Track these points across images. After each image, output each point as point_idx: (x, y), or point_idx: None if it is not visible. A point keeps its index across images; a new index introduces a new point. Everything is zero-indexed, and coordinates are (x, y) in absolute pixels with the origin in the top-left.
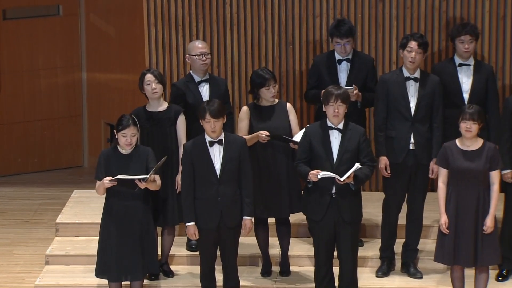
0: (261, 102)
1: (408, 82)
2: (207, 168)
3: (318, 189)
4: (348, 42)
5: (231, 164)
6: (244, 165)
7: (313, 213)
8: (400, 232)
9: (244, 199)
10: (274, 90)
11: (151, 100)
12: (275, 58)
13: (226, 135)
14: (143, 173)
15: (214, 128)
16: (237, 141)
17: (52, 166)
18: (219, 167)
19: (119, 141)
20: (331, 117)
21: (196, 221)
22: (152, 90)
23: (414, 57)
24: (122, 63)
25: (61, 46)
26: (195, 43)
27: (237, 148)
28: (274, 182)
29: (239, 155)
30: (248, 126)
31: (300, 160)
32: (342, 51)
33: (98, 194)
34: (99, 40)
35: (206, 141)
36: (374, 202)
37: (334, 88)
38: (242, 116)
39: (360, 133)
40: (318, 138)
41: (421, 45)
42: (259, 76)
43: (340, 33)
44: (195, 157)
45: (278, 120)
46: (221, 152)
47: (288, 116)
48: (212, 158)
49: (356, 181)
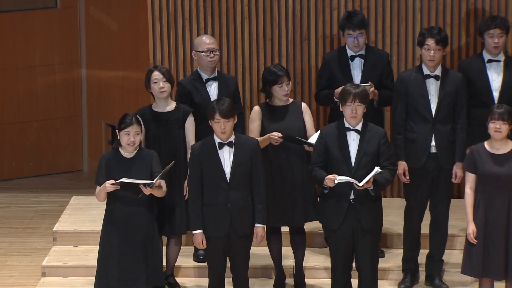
0: (273, 102)
1: (428, 80)
2: (216, 172)
3: (335, 195)
4: (361, 34)
5: (242, 167)
6: (256, 169)
7: (330, 221)
8: (424, 242)
9: (256, 205)
10: (287, 88)
11: (158, 99)
12: (289, 54)
13: (237, 136)
14: (147, 178)
15: (224, 129)
16: (249, 143)
17: (49, 171)
18: (229, 171)
19: (121, 141)
20: (349, 118)
21: (204, 229)
22: (159, 89)
23: (433, 55)
24: (124, 60)
25: (59, 41)
26: (202, 39)
27: (249, 151)
28: (288, 188)
29: (250, 158)
30: (259, 127)
31: (316, 164)
32: (355, 44)
33: (99, 200)
34: (99, 35)
35: (215, 143)
36: (395, 209)
37: (352, 87)
38: (253, 116)
39: (380, 135)
40: (334, 140)
41: (439, 42)
42: (271, 73)
43: (352, 24)
44: (203, 160)
45: (292, 120)
46: (231, 154)
47: (303, 116)
48: (222, 161)
49: (376, 186)
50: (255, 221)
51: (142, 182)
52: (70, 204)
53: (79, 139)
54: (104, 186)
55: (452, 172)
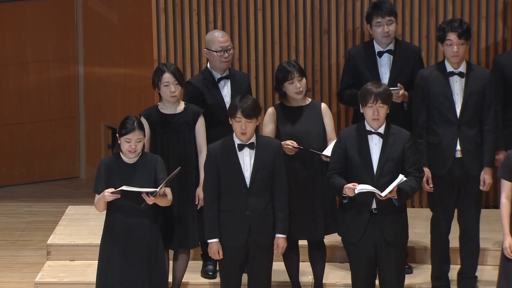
0: (289, 102)
1: (451, 78)
2: (235, 175)
3: (355, 205)
4: (391, 21)
5: (263, 172)
6: (278, 174)
7: (350, 233)
8: (454, 257)
9: (278, 213)
10: (299, 85)
11: (166, 101)
12: (307, 49)
13: (259, 137)
14: (150, 185)
15: (244, 129)
16: (271, 145)
17: (43, 177)
18: (249, 175)
19: (121, 147)
20: (370, 120)
21: (219, 238)
22: (170, 93)
23: (456, 50)
24: (126, 56)
25: (53, 35)
26: (214, 35)
27: (271, 153)
28: (306, 198)
29: (273, 161)
30: (274, 131)
31: (334, 171)
32: (384, 34)
33: (97, 210)
34: (99, 28)
35: (235, 144)
36: (423, 221)
37: (373, 86)
38: (267, 119)
39: (405, 138)
40: (354, 144)
41: (462, 35)
42: (281, 69)
43: (381, 10)
44: (221, 162)
45: (310, 123)
46: (252, 157)
47: (322, 118)
48: (241, 164)
49: (401, 195)
50: (276, 230)
51: (144, 190)
52: (66, 214)
53: (75, 143)
54: (103, 195)
55: (480, 178)
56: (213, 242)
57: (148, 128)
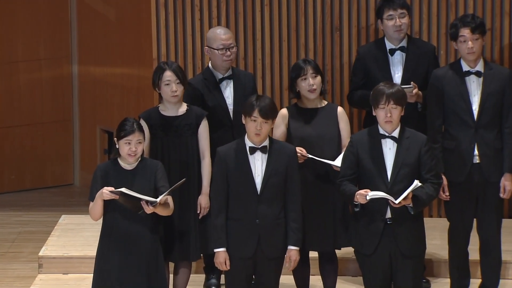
0: (303, 103)
1: (468, 77)
2: (245, 181)
3: (368, 214)
4: (403, 15)
5: (275, 178)
6: (292, 181)
7: (363, 244)
8: (475, 270)
9: (290, 223)
10: (312, 82)
11: (167, 102)
12: (318, 47)
13: (272, 141)
14: (150, 193)
15: (259, 130)
16: (285, 150)
17: (34, 185)
18: (260, 180)
19: (120, 151)
20: (383, 123)
21: (227, 247)
22: (171, 93)
23: (471, 47)
24: (123, 54)
25: (45, 32)
26: (216, 32)
27: (285, 159)
28: (317, 207)
29: (286, 167)
30: (285, 134)
31: (345, 178)
32: (396, 28)
33: (93, 218)
34: (94, 25)
35: (246, 147)
36: (442, 231)
37: (386, 86)
38: (278, 121)
39: (421, 142)
40: (367, 149)
41: (475, 30)
42: (294, 66)
43: (393, 2)
44: (231, 166)
45: (324, 127)
46: (264, 162)
47: (338, 123)
48: (252, 169)
49: (416, 203)
50: (288, 242)
51: (145, 198)
52: (59, 224)
53: (69, 148)
54: (101, 192)
55: (500, 185)
56: (220, 251)
57: (148, 131)
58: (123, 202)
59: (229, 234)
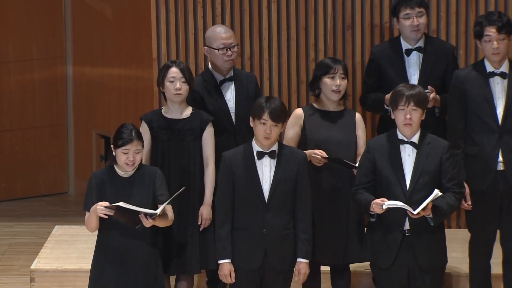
0: (321, 104)
1: (492, 79)
2: (252, 187)
3: (385, 224)
4: (421, 14)
5: (284, 185)
6: (302, 190)
7: (379, 257)
8: (497, 285)
9: (300, 234)
10: (339, 83)
11: (170, 102)
12: (328, 47)
13: (282, 146)
14: (148, 201)
15: (269, 133)
16: (296, 156)
17: (26, 193)
18: (268, 187)
19: (117, 160)
20: (402, 126)
21: (232, 259)
22: (175, 90)
23: (496, 47)
24: (121, 54)
25: (38, 31)
26: (215, 31)
27: (295, 165)
28: (331, 217)
29: (296, 174)
30: (298, 136)
31: (360, 186)
32: (414, 27)
33: (89, 229)
34: (90, 23)
35: (253, 152)
36: (462, 243)
37: (406, 87)
38: (292, 121)
39: (443, 148)
40: (385, 155)
41: (502, 29)
42: (322, 64)
43: (410, 0)
44: (237, 171)
45: (342, 133)
46: (272, 168)
47: (355, 130)
48: (260, 175)
49: (436, 214)
50: (297, 254)
51: (143, 210)
52: (52, 235)
53: (63, 154)
54: (95, 208)
55: None
56: (224, 263)
57: (149, 135)
58: (118, 217)
59: (235, 245)
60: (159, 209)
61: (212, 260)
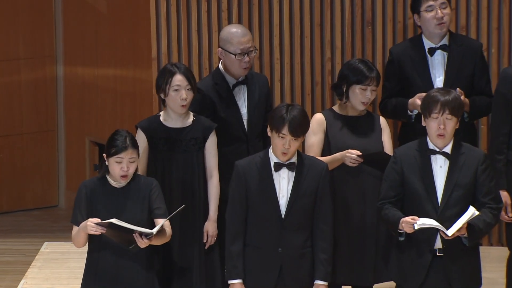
0: (343, 109)
1: None
2: (267, 202)
3: (415, 243)
4: (445, 5)
5: (303, 200)
6: (322, 205)
7: (406, 279)
8: None
9: (319, 254)
10: (370, 96)
11: (173, 111)
12: (346, 45)
13: (301, 156)
14: (144, 216)
15: (287, 149)
16: (316, 167)
17: (12, 207)
18: (284, 202)
19: (110, 170)
20: (434, 136)
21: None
22: (181, 101)
23: None
24: (117, 53)
25: (26, 28)
26: (232, 32)
27: (315, 178)
28: (356, 232)
29: (316, 188)
30: (322, 142)
31: (387, 200)
32: (438, 21)
33: (76, 245)
34: (82, 19)
35: (270, 162)
36: (495, 262)
37: (440, 92)
38: (314, 128)
39: (479, 159)
40: (414, 166)
41: None
42: (356, 70)
43: None
44: (252, 184)
45: (368, 138)
46: (290, 180)
47: (381, 135)
48: (277, 189)
49: (472, 233)
50: (314, 275)
51: (138, 229)
52: (40, 253)
53: (53, 163)
54: (85, 225)
55: None
56: (235, 283)
57: (146, 144)
58: (110, 236)
59: (246, 263)
60: (156, 228)
61: (219, 281)
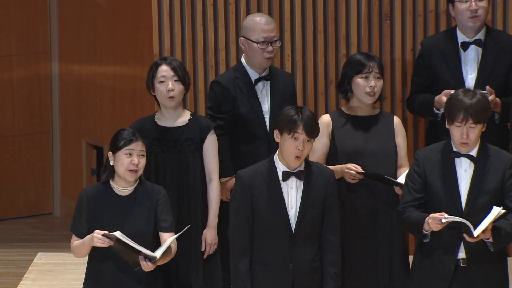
0: (352, 109)
1: None
2: (276, 215)
3: (436, 251)
4: None
5: (313, 211)
6: (331, 214)
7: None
8: None
9: (328, 268)
10: (374, 84)
11: (164, 108)
12: (362, 40)
13: (308, 163)
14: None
15: (302, 150)
16: (324, 175)
17: (4, 214)
18: (294, 214)
19: (119, 167)
20: (457, 143)
21: None
22: (167, 92)
23: None
24: (116, 49)
25: (19, 23)
26: (255, 20)
27: (324, 186)
28: (367, 243)
29: (325, 197)
30: (327, 147)
31: (408, 203)
32: (472, 13)
33: (76, 255)
34: (79, 14)
35: (278, 171)
36: None
37: (463, 94)
38: None
39: (506, 163)
40: (437, 169)
41: None
42: (353, 61)
43: None
44: (258, 195)
45: (380, 141)
46: (299, 190)
47: (394, 136)
48: (285, 200)
49: (498, 237)
50: None
51: (143, 251)
52: (34, 264)
53: (48, 168)
54: (91, 237)
55: None
56: None
57: None
58: (117, 250)
59: (255, 281)
60: (160, 251)
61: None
